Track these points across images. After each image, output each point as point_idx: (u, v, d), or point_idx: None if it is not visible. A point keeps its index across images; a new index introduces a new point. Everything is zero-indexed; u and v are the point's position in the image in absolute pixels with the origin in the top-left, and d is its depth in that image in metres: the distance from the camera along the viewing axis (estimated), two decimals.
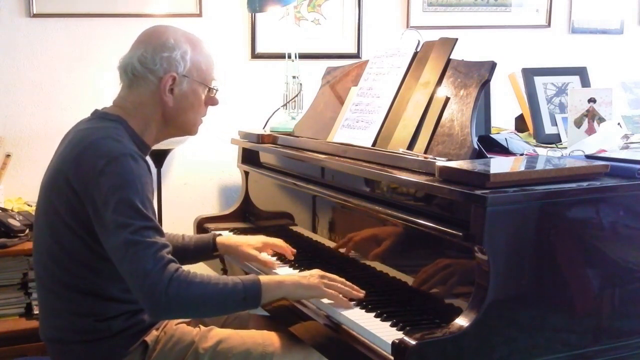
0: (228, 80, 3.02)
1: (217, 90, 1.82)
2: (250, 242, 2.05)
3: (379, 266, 1.79)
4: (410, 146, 1.81)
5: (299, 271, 1.92)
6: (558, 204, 1.47)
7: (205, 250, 2.07)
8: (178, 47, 1.70)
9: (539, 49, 3.42)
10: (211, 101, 1.82)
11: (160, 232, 1.58)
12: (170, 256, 1.55)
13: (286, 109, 2.68)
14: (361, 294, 1.68)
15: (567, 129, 2.15)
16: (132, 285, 1.54)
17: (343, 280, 1.72)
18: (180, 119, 1.77)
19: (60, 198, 1.62)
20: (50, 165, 1.72)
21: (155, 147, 2.59)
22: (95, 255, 1.62)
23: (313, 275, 1.71)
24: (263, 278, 1.66)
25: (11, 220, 2.50)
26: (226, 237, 2.13)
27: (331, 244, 2.01)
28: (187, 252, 2.03)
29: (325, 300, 1.70)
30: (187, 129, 1.81)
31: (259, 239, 2.07)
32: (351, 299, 1.68)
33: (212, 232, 2.05)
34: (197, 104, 1.77)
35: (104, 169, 1.55)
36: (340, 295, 1.67)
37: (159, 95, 1.71)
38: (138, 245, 1.51)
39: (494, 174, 1.42)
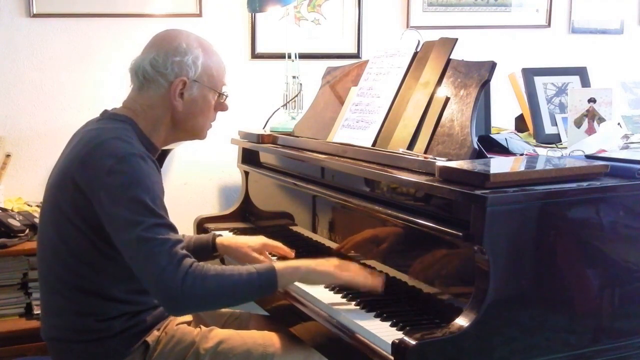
0: (228, 80, 3.02)
1: (227, 96, 1.82)
2: (249, 244, 2.04)
3: (379, 266, 1.79)
4: (410, 146, 1.81)
5: None
6: (558, 204, 1.47)
7: (204, 251, 2.07)
8: (190, 51, 1.70)
9: (539, 49, 3.42)
10: (221, 107, 1.82)
11: (173, 229, 1.58)
12: (184, 251, 1.55)
13: (286, 109, 2.68)
14: (381, 278, 1.69)
15: (567, 129, 2.15)
16: (147, 282, 1.54)
17: (358, 266, 1.72)
18: (189, 124, 1.77)
19: (66, 197, 1.63)
20: (57, 165, 1.72)
21: None
22: (101, 254, 1.63)
23: (329, 261, 1.71)
24: (278, 264, 1.65)
25: (11, 220, 2.50)
26: (226, 237, 2.12)
27: (331, 244, 2.01)
28: None
29: (325, 300, 1.70)
30: (196, 133, 1.81)
31: (259, 240, 2.06)
32: (350, 295, 1.70)
33: (212, 232, 2.06)
34: (206, 109, 1.77)
35: (112, 168, 1.56)
36: (359, 277, 1.68)
37: (169, 99, 1.71)
38: (151, 242, 1.51)
39: (494, 174, 1.42)
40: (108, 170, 1.56)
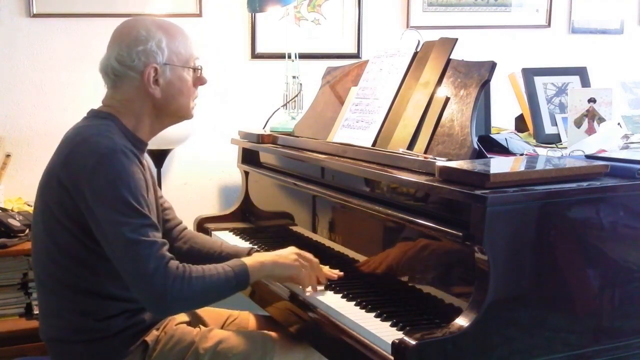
0: (228, 80, 3.03)
1: (201, 69, 1.80)
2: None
3: (379, 266, 1.79)
4: (410, 146, 1.81)
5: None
6: (558, 204, 1.47)
7: None
8: (151, 37, 1.69)
9: (539, 49, 3.42)
10: (199, 81, 1.80)
11: (157, 229, 1.59)
12: (169, 254, 1.56)
13: (286, 109, 2.68)
14: (324, 282, 1.78)
15: (567, 129, 2.15)
16: (134, 285, 1.55)
17: (317, 261, 1.79)
18: (172, 107, 1.75)
19: (53, 197, 1.63)
20: (47, 166, 1.72)
21: (155, 147, 2.63)
22: (92, 253, 1.62)
23: (291, 254, 1.78)
24: (247, 261, 1.70)
25: (11, 220, 2.50)
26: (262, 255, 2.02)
27: (331, 244, 2.01)
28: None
29: (325, 300, 1.70)
30: (182, 114, 1.79)
31: (291, 251, 1.93)
32: (351, 295, 1.70)
33: (250, 247, 2.05)
34: (185, 88, 1.75)
35: (95, 167, 1.55)
36: (313, 281, 1.76)
37: (145, 89, 1.70)
38: (139, 245, 1.52)
39: (494, 174, 1.42)
40: (91, 169, 1.55)
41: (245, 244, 2.27)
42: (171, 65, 1.71)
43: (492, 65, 1.73)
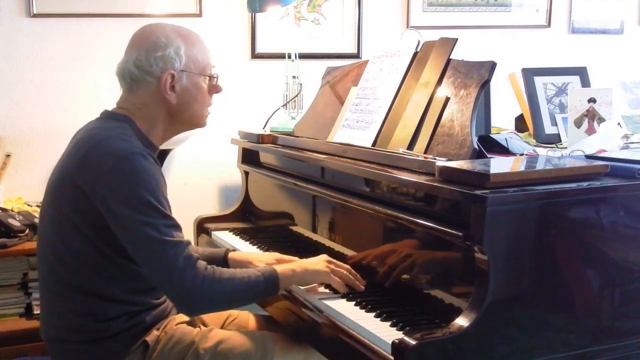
0: (228, 80, 3.02)
1: (217, 77, 1.81)
2: (261, 259, 1.96)
3: (379, 266, 1.79)
4: (410, 146, 1.81)
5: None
6: (558, 204, 1.47)
7: (214, 264, 2.01)
8: (170, 43, 1.69)
9: (539, 49, 3.42)
10: (215, 89, 1.81)
11: (180, 229, 1.61)
12: (196, 254, 1.58)
13: (286, 109, 2.68)
14: (362, 287, 1.75)
15: (567, 129, 2.15)
16: (162, 284, 1.58)
17: (348, 267, 1.77)
18: (187, 114, 1.76)
19: (66, 198, 1.63)
20: (57, 165, 1.72)
21: None
22: (100, 254, 1.63)
23: (320, 261, 1.77)
24: (278, 268, 1.71)
25: (11, 220, 2.50)
26: (238, 253, 2.04)
27: (331, 244, 2.01)
28: None
29: (325, 300, 1.70)
30: (196, 121, 1.80)
31: (272, 256, 1.97)
32: (351, 295, 1.71)
33: (226, 248, 2.05)
34: (200, 95, 1.76)
35: (115, 168, 1.56)
36: (344, 285, 1.74)
37: (161, 95, 1.71)
38: (164, 245, 1.53)
39: (494, 174, 1.42)
40: (110, 170, 1.56)
41: (245, 244, 2.28)
42: (188, 72, 1.72)
43: (492, 65, 1.73)
